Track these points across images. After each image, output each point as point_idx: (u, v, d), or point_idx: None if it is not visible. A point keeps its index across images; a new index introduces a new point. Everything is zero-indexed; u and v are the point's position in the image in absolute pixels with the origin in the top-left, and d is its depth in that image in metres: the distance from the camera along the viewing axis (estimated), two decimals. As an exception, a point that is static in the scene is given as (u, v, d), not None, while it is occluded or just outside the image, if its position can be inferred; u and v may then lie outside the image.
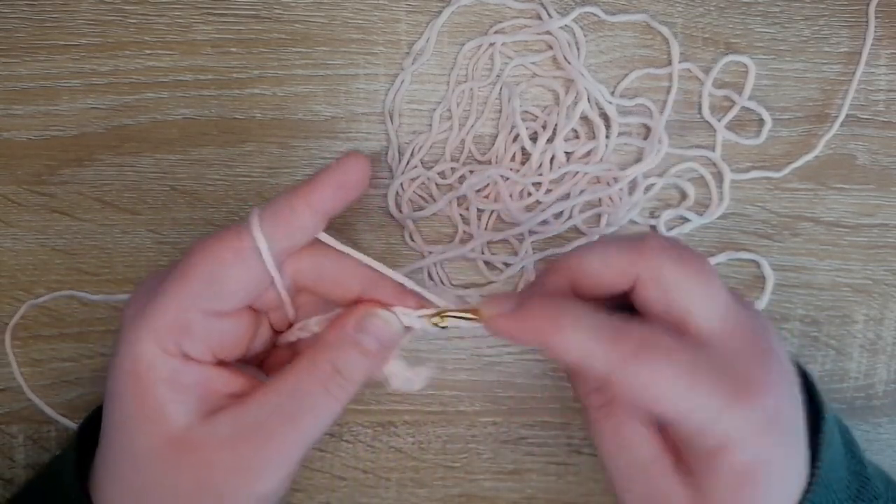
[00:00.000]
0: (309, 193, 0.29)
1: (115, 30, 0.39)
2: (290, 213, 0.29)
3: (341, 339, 0.29)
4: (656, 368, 0.26)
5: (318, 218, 0.29)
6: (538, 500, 0.41)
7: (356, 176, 0.30)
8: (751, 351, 0.28)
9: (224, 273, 0.28)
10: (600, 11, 0.39)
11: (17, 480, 0.40)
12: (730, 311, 0.28)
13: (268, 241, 0.28)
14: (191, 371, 0.28)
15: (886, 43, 0.40)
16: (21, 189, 0.39)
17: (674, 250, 0.28)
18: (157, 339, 0.28)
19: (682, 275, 0.27)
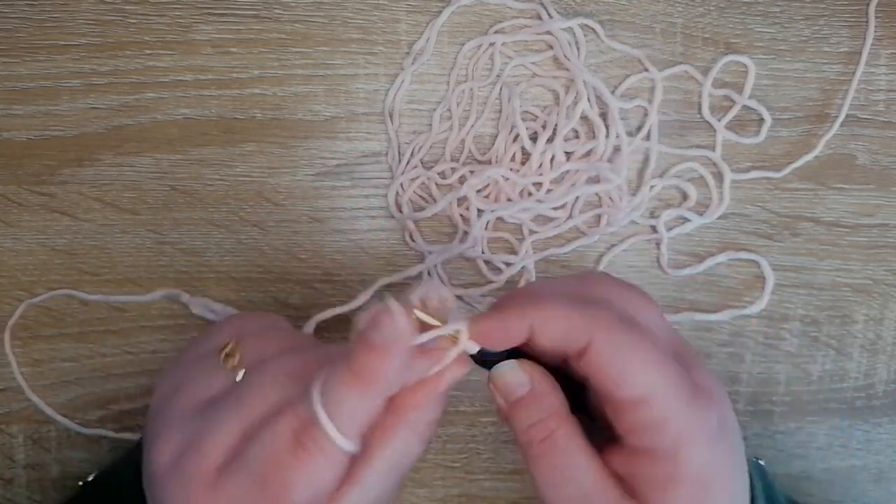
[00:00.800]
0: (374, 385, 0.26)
1: (115, 30, 0.39)
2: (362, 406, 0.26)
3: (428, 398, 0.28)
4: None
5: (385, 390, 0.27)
6: (538, 500, 0.41)
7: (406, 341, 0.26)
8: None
9: (322, 488, 0.26)
10: (599, 27, 0.39)
11: (18, 480, 0.40)
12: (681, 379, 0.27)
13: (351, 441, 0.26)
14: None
15: (886, 43, 0.40)
16: (21, 189, 0.39)
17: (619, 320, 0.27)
18: None
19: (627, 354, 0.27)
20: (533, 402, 0.28)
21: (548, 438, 0.28)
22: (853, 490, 0.41)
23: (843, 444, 0.41)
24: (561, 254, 0.40)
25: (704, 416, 0.27)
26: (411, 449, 0.28)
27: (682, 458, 0.26)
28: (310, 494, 0.26)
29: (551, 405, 0.28)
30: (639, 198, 0.39)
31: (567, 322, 0.27)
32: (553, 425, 0.28)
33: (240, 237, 0.40)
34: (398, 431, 0.27)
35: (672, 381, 0.26)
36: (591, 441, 0.28)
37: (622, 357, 0.26)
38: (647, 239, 0.40)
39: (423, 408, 0.28)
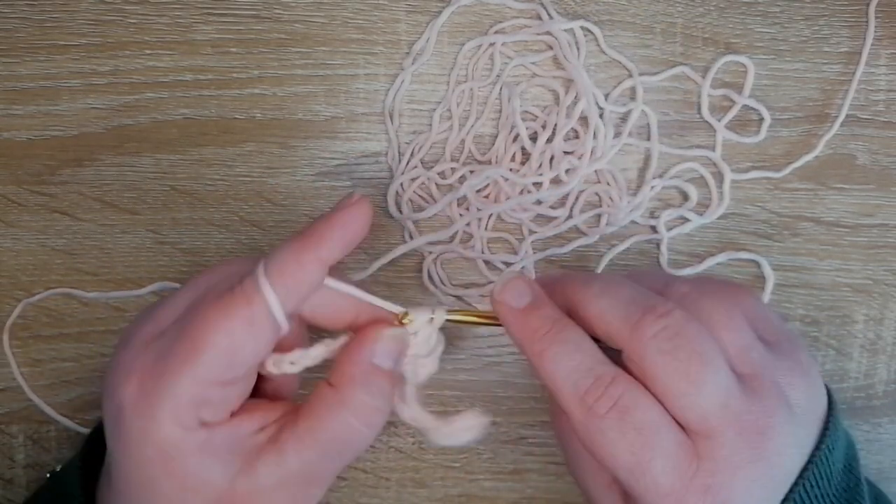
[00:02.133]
0: (316, 247, 0.28)
1: (115, 30, 0.39)
2: (299, 269, 0.27)
3: (368, 374, 0.29)
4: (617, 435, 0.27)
5: (325, 269, 0.28)
6: (538, 500, 0.41)
7: (360, 225, 0.29)
8: (731, 451, 0.26)
9: (239, 346, 0.27)
10: (598, 31, 0.39)
11: (17, 480, 0.40)
12: (718, 405, 0.26)
13: (279, 303, 0.27)
14: (216, 434, 0.27)
15: (886, 43, 0.40)
16: (21, 189, 0.39)
17: (667, 333, 0.27)
18: (177, 420, 0.27)
19: (664, 367, 0.27)
20: (537, 310, 0.29)
21: (560, 321, 0.29)
22: (853, 490, 0.41)
23: (843, 444, 0.41)
24: (561, 254, 0.40)
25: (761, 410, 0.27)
26: (344, 427, 0.28)
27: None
28: (227, 343, 0.26)
29: (554, 311, 0.29)
30: (639, 198, 0.39)
31: (606, 323, 0.28)
32: (562, 323, 0.28)
33: (240, 237, 0.40)
34: (332, 405, 0.28)
35: (714, 391, 0.26)
36: None
37: (661, 377, 0.27)
38: (647, 239, 0.40)
39: (356, 381, 0.28)
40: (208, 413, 0.27)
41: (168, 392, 0.26)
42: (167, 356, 0.27)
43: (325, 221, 0.28)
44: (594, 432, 0.27)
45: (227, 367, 0.27)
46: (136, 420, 0.27)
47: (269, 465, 0.27)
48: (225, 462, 0.27)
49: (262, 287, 0.27)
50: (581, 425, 0.27)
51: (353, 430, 0.28)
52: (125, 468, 0.28)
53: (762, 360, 0.28)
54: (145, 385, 0.27)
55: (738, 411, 0.26)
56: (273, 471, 0.27)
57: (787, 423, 0.27)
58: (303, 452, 0.28)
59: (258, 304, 0.27)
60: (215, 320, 0.27)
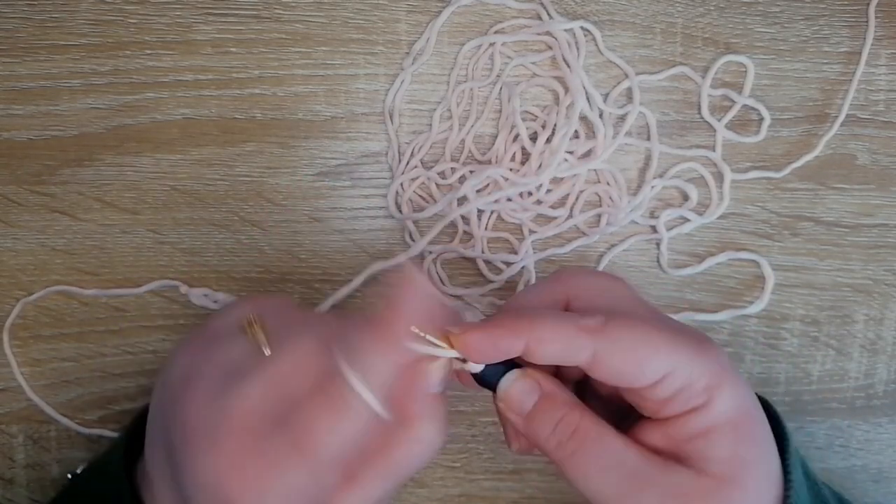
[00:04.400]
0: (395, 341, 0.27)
1: (115, 30, 0.39)
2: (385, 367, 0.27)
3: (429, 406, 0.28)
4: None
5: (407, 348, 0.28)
6: (538, 500, 0.41)
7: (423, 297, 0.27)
8: None
9: (349, 442, 0.26)
10: (598, 32, 0.39)
11: (18, 480, 0.40)
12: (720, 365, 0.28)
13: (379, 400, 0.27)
14: None
15: (886, 43, 0.40)
16: (21, 189, 0.39)
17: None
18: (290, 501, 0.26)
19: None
20: (549, 404, 0.29)
21: (576, 432, 0.28)
22: (853, 490, 0.41)
23: (844, 443, 0.41)
24: (561, 254, 0.40)
25: (718, 361, 0.28)
26: (412, 456, 0.28)
27: (715, 402, 0.27)
28: (338, 450, 0.26)
29: (567, 400, 0.29)
30: (639, 198, 0.39)
31: (565, 340, 0.27)
32: (576, 417, 0.28)
33: (240, 237, 0.40)
34: (408, 446, 0.28)
35: (679, 346, 0.27)
36: None
37: (630, 353, 0.27)
38: (647, 239, 0.40)
39: (418, 415, 0.28)
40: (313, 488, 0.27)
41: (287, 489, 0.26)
42: (282, 463, 0.26)
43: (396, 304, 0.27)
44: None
45: (337, 461, 0.27)
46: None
47: (356, 499, 0.27)
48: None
49: (361, 394, 0.26)
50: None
51: (424, 460, 0.28)
52: None
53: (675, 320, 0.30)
54: (261, 484, 0.26)
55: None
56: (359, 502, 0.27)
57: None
58: (383, 488, 0.27)
59: (360, 408, 0.26)
60: (327, 430, 0.26)
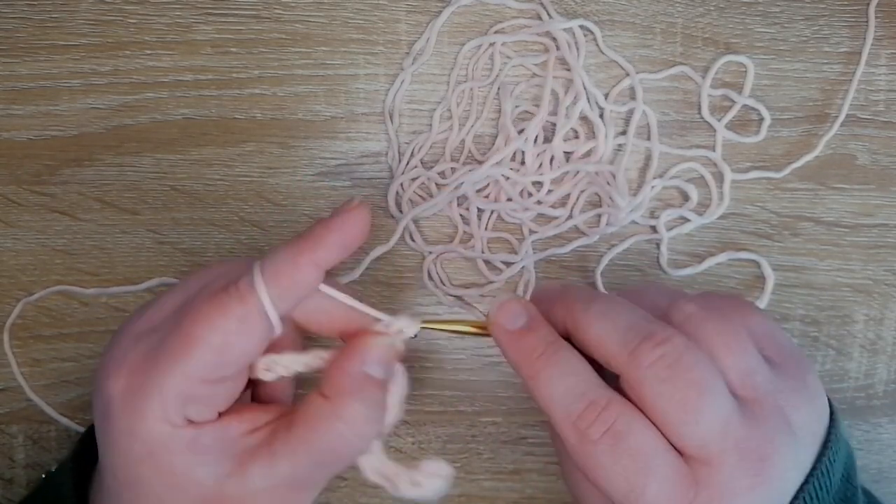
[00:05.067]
0: (312, 250, 0.28)
1: (115, 30, 0.39)
2: (295, 271, 0.28)
3: (359, 383, 0.28)
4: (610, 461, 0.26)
5: (321, 273, 0.28)
6: (538, 500, 0.41)
7: (359, 230, 0.29)
8: (731, 477, 0.26)
9: (230, 344, 0.27)
10: (598, 30, 0.39)
11: (18, 480, 0.40)
12: (717, 432, 0.26)
13: (275, 303, 0.27)
14: (204, 433, 0.28)
15: (886, 43, 0.40)
16: (21, 189, 0.39)
17: (666, 361, 0.26)
18: (164, 416, 0.27)
19: (662, 396, 0.26)
20: (532, 332, 0.29)
21: (554, 343, 0.28)
22: (853, 490, 0.41)
23: (843, 444, 0.41)
24: (561, 254, 0.40)
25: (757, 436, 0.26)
26: (336, 436, 0.28)
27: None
28: (218, 341, 0.26)
29: (550, 333, 0.29)
30: (639, 198, 0.39)
31: (604, 352, 0.27)
32: (557, 346, 0.28)
33: (240, 237, 0.40)
34: (324, 415, 0.28)
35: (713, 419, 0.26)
36: None
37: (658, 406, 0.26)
38: (647, 239, 0.40)
39: (348, 392, 0.28)
40: (196, 411, 0.27)
41: (156, 388, 0.26)
42: (157, 352, 0.27)
43: (323, 225, 0.28)
44: (588, 457, 0.26)
45: (217, 365, 0.27)
46: (123, 416, 0.27)
47: (261, 470, 0.27)
48: (213, 462, 0.27)
49: (256, 286, 0.27)
50: (574, 449, 0.27)
51: (346, 441, 0.28)
52: (113, 465, 0.28)
53: (765, 384, 0.27)
54: (134, 380, 0.27)
55: (738, 437, 0.26)
56: (264, 475, 0.27)
57: (788, 447, 0.27)
58: (295, 461, 0.28)
59: (252, 303, 0.27)
60: (208, 317, 0.27)
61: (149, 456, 0.27)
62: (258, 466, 0.27)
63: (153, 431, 0.27)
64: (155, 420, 0.27)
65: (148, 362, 0.27)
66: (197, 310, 0.27)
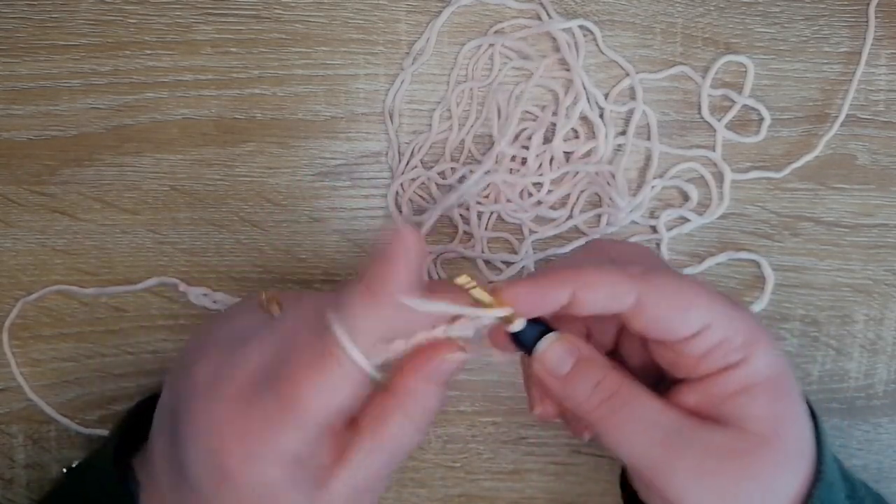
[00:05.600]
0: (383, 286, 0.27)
1: (115, 30, 0.39)
2: (376, 317, 0.27)
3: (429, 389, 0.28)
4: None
5: (397, 302, 0.27)
6: (538, 500, 0.41)
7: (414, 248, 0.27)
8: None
9: (337, 403, 0.27)
10: (597, 30, 0.39)
11: (18, 480, 0.40)
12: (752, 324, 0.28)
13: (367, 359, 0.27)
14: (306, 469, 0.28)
15: (886, 43, 0.40)
16: (21, 189, 0.39)
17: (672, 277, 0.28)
18: (281, 471, 0.27)
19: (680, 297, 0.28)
20: (588, 365, 0.29)
21: (616, 394, 0.28)
22: (853, 490, 0.41)
23: (844, 443, 0.41)
24: (561, 254, 0.40)
25: (753, 318, 0.28)
26: (405, 436, 0.28)
27: (754, 359, 0.28)
28: (326, 406, 0.27)
29: (606, 363, 0.29)
30: (639, 198, 0.39)
31: (611, 285, 0.28)
32: (618, 377, 0.28)
33: (240, 237, 0.40)
34: (393, 415, 0.28)
35: (718, 300, 0.28)
36: None
37: (673, 300, 0.27)
38: (648, 239, 0.40)
39: (416, 390, 0.28)
40: (306, 454, 0.27)
41: (277, 452, 0.26)
42: (272, 422, 0.27)
43: (382, 259, 0.27)
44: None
45: (327, 423, 0.27)
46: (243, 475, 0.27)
47: (343, 482, 0.27)
48: (306, 488, 0.27)
49: (346, 348, 0.26)
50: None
51: (414, 439, 0.28)
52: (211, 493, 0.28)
53: None
54: (251, 447, 0.27)
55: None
56: (346, 486, 0.27)
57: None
58: (372, 465, 0.28)
59: (348, 364, 0.26)
60: (313, 386, 0.26)
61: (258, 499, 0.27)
62: (340, 479, 0.27)
63: (271, 479, 0.27)
64: (274, 471, 0.27)
65: (264, 433, 0.27)
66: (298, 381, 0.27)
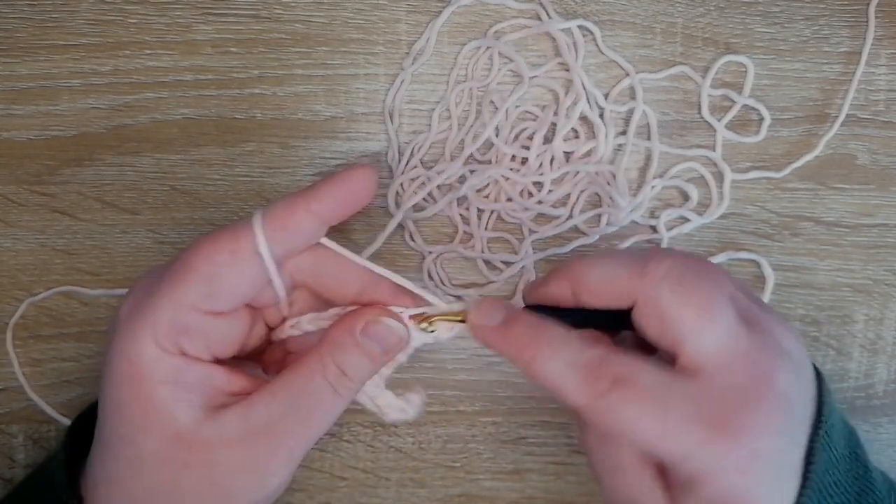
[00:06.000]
0: (312, 200, 0.29)
1: (115, 30, 0.39)
2: (292, 218, 0.29)
3: (349, 342, 0.30)
4: (627, 405, 0.27)
5: (320, 223, 0.30)
6: (538, 499, 0.41)
7: (361, 189, 0.30)
8: (744, 386, 0.27)
9: (221, 275, 0.28)
10: (597, 30, 0.39)
11: (18, 480, 0.40)
12: (728, 340, 0.27)
13: (269, 244, 0.28)
14: (192, 369, 0.28)
15: (886, 43, 0.40)
16: (21, 189, 0.39)
17: (674, 275, 0.28)
18: (155, 338, 0.28)
19: (678, 303, 0.27)
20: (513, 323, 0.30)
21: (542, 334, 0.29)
22: (853, 490, 0.41)
23: (843, 444, 0.41)
24: (561, 254, 0.40)
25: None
26: (316, 388, 0.29)
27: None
28: (209, 270, 0.28)
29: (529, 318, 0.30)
30: (639, 198, 0.39)
31: (612, 281, 0.28)
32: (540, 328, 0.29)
33: (240, 237, 0.40)
34: (307, 362, 0.29)
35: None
36: None
37: (675, 313, 0.27)
38: (648, 239, 0.40)
39: (339, 345, 0.29)
40: (188, 343, 0.28)
41: (150, 309, 0.28)
42: (159, 279, 0.28)
43: (325, 179, 0.30)
44: (608, 413, 0.27)
45: (207, 294, 0.28)
46: (120, 335, 0.28)
47: (236, 414, 0.28)
48: (192, 401, 0.28)
49: (254, 226, 0.28)
50: (593, 411, 0.27)
51: (323, 390, 0.29)
52: (104, 393, 0.29)
53: (758, 309, 0.29)
54: (135, 303, 0.29)
55: (747, 349, 0.27)
56: (238, 420, 0.28)
57: (788, 364, 0.28)
58: (271, 404, 0.28)
59: (245, 240, 0.28)
60: (201, 249, 0.28)
61: (134, 377, 0.28)
62: (234, 412, 0.28)
63: (142, 352, 0.27)
64: (146, 340, 0.28)
65: (151, 287, 0.29)
66: (195, 244, 0.29)
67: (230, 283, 0.29)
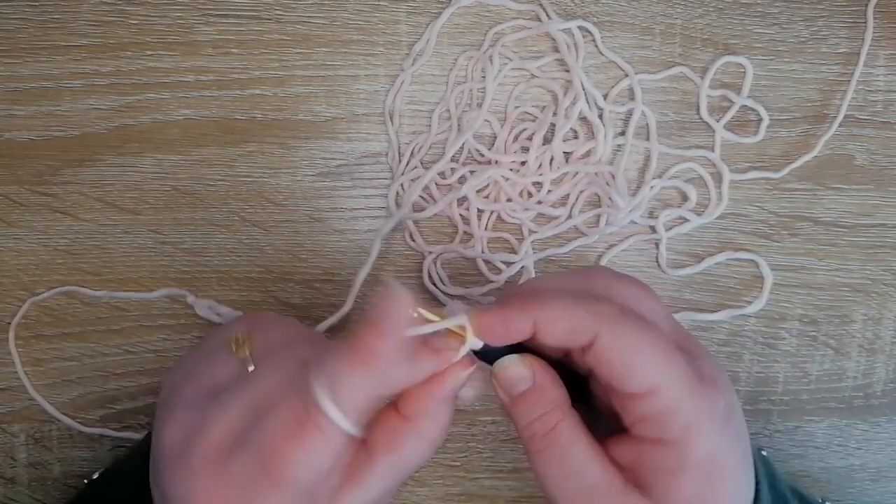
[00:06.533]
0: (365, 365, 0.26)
1: (116, 31, 0.39)
2: (361, 392, 0.26)
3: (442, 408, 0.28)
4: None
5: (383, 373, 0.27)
6: (538, 498, 0.41)
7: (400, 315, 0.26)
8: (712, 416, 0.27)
9: (322, 471, 0.26)
10: (597, 31, 0.39)
11: (19, 479, 0.40)
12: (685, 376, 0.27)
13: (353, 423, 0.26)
14: None
15: (885, 44, 0.40)
16: (23, 189, 0.39)
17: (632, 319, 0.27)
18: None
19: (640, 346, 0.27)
20: (535, 397, 0.28)
21: (550, 432, 0.28)
22: (851, 489, 0.42)
23: (842, 443, 0.41)
24: (561, 254, 0.40)
25: (711, 404, 0.27)
26: (418, 454, 0.28)
27: (690, 445, 0.26)
28: (310, 476, 0.26)
29: (553, 399, 0.28)
30: (638, 198, 0.40)
31: (571, 319, 0.27)
32: (555, 419, 0.28)
33: (241, 237, 0.40)
34: (407, 438, 0.28)
35: (678, 370, 0.27)
36: (595, 432, 0.28)
37: (628, 350, 0.26)
38: (647, 239, 0.40)
39: (430, 413, 0.28)
40: None
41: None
42: (254, 490, 0.26)
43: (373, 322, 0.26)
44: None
45: (309, 485, 0.27)
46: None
47: (353, 499, 0.27)
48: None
49: (331, 417, 0.26)
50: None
51: (427, 455, 0.28)
52: None
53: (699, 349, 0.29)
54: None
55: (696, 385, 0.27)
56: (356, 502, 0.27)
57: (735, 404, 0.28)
58: (384, 484, 0.28)
59: (332, 433, 0.26)
60: (295, 457, 0.26)
61: None
62: (350, 499, 0.27)
63: None
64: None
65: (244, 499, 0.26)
66: (279, 449, 0.26)
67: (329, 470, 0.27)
